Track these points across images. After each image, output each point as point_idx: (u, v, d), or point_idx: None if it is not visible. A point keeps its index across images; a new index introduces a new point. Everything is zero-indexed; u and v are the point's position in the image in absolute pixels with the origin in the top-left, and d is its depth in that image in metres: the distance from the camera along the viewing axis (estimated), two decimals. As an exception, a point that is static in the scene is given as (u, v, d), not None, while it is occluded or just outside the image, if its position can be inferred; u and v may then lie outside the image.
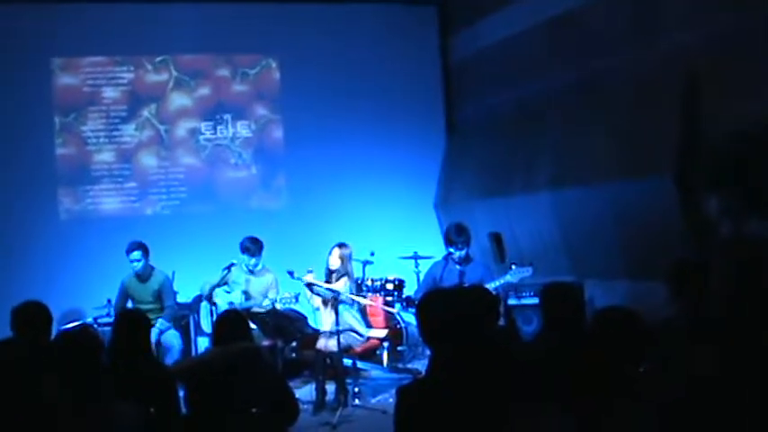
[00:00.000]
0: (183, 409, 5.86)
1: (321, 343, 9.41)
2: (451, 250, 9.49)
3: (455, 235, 9.50)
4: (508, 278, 9.32)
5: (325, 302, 9.57)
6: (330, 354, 9.30)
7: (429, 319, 4.24)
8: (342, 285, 9.53)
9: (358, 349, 9.67)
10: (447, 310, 4.21)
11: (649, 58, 8.95)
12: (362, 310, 9.98)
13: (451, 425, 4.00)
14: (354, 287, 9.86)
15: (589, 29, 9.96)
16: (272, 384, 5.82)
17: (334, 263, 9.69)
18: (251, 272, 10.38)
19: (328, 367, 9.43)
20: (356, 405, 9.21)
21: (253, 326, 9.85)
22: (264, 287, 10.33)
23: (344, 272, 9.68)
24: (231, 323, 6.08)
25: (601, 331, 4.67)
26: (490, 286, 9.13)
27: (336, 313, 9.15)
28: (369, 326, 10.10)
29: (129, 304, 10.40)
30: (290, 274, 9.45)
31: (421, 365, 10.10)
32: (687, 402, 4.60)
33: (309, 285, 9.46)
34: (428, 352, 4.38)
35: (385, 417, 8.32)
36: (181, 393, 6.00)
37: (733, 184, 7.79)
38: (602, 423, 4.33)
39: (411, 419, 4.14)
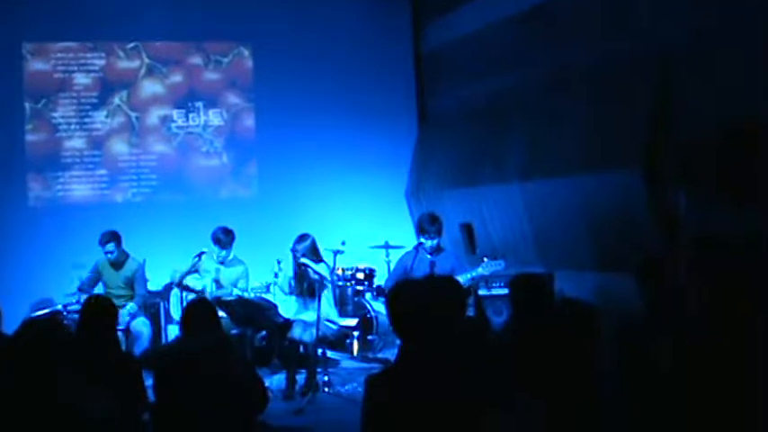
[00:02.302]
0: (151, 397, 5.88)
1: (296, 332, 9.39)
2: (423, 240, 9.50)
3: (427, 224, 9.52)
4: (480, 271, 9.34)
5: (299, 291, 9.57)
6: (304, 343, 9.30)
7: (399, 310, 4.26)
8: (322, 270, 9.52)
9: (331, 339, 9.68)
10: (417, 301, 4.23)
11: (619, 52, 8.99)
12: (336, 299, 9.99)
13: (419, 414, 4.03)
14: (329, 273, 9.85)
15: (560, 22, 9.99)
16: (242, 372, 5.82)
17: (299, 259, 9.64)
18: (221, 262, 10.38)
19: (300, 356, 9.44)
20: (326, 393, 9.22)
21: (222, 314, 9.88)
22: (235, 277, 10.33)
23: (316, 259, 9.63)
24: (199, 311, 6.08)
25: (562, 324, 4.72)
26: (462, 278, 9.16)
27: (320, 301, 9.16)
28: (340, 315, 10.13)
29: (100, 287, 10.37)
30: (278, 262, 9.45)
31: (391, 355, 10.11)
32: (643, 397, 4.66)
33: (305, 266, 9.41)
34: (398, 341, 4.40)
35: (354, 405, 8.31)
36: (149, 382, 6.02)
37: (701, 179, 7.84)
38: (570, 408, 4.38)
39: (379, 408, 4.16)
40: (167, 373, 5.68)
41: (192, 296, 9.90)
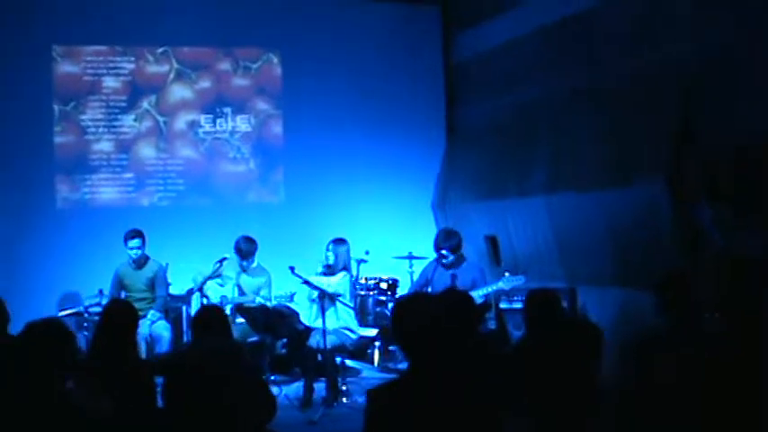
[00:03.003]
0: (160, 402, 5.88)
1: (313, 339, 9.38)
2: (442, 253, 9.48)
3: (443, 241, 9.52)
4: (501, 285, 9.29)
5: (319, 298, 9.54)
6: (321, 351, 9.27)
7: (401, 324, 4.21)
8: (338, 280, 9.49)
9: (350, 348, 9.64)
10: (419, 316, 4.18)
11: (645, 67, 8.92)
12: (356, 309, 9.97)
13: (419, 428, 3.99)
14: (351, 285, 9.81)
15: (587, 36, 9.94)
16: (250, 381, 5.81)
17: (331, 258, 9.66)
18: (243, 271, 10.39)
19: (319, 365, 9.41)
20: (344, 404, 9.19)
21: (241, 320, 9.89)
22: (257, 286, 10.33)
23: (342, 267, 9.65)
24: (209, 316, 6.07)
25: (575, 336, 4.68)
26: (481, 292, 9.12)
27: (323, 310, 9.14)
28: (361, 324, 10.10)
29: (123, 294, 10.41)
30: (291, 269, 9.42)
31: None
32: (646, 413, 4.61)
33: (306, 283, 9.41)
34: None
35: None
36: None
37: (726, 195, 7.76)
38: (566, 429, 4.33)
39: (380, 422, 4.13)
40: (175, 377, 5.68)
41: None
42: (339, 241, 9.76)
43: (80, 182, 12.01)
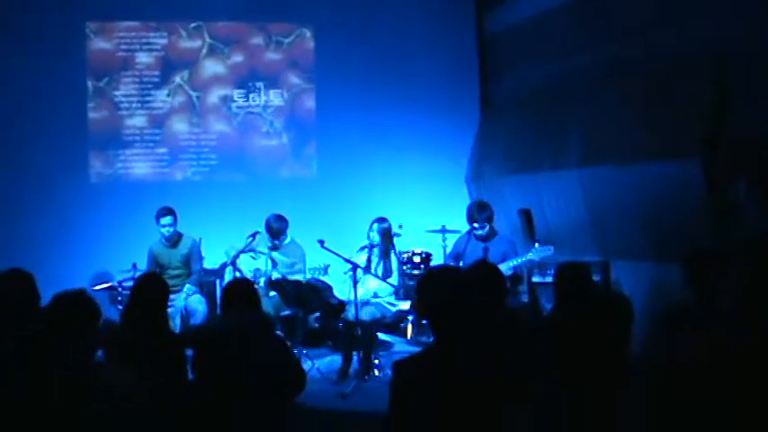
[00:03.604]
0: (190, 375, 5.91)
1: (353, 313, 9.36)
2: (474, 226, 9.46)
3: (477, 213, 9.49)
4: (530, 256, 9.28)
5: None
6: (361, 324, 9.24)
7: (426, 296, 4.22)
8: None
9: (390, 321, 9.67)
10: (445, 289, 4.18)
11: (680, 42, 8.82)
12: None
13: (444, 400, 3.99)
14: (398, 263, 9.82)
15: (623, 7, 9.83)
16: (279, 354, 5.81)
17: (375, 238, 9.66)
18: (274, 248, 10.40)
19: (355, 338, 9.39)
20: (376, 377, 9.20)
21: (274, 293, 9.91)
22: (291, 262, 10.34)
23: (385, 248, 9.66)
24: (239, 290, 6.08)
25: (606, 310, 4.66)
26: (510, 264, 9.10)
27: (355, 284, 9.15)
28: (397, 297, 10.10)
29: (158, 271, 10.46)
30: (321, 243, 9.43)
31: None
32: (675, 387, 4.58)
33: (337, 255, 9.41)
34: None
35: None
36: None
37: (760, 173, 7.68)
38: (599, 406, 4.31)
39: (406, 394, 4.14)
40: (204, 350, 5.70)
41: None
42: (382, 220, 9.77)
43: (113, 157, 12.07)
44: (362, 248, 9.74)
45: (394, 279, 9.63)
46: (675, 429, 4.65)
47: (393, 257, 9.73)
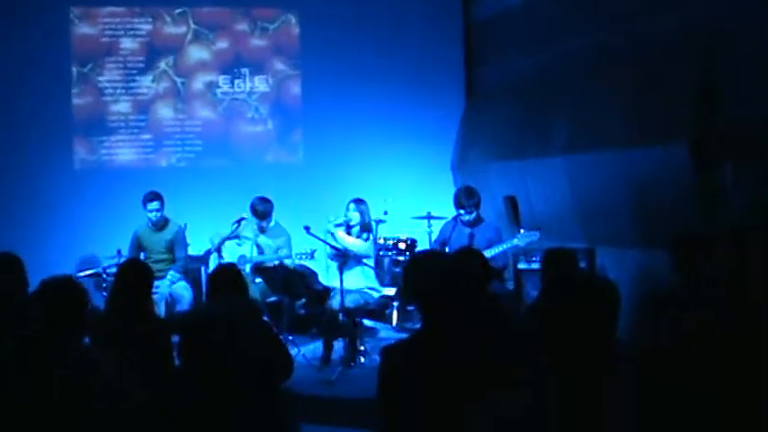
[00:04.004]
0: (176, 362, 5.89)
1: (335, 300, 9.34)
2: (461, 212, 9.44)
3: (465, 198, 9.45)
4: (515, 242, 9.27)
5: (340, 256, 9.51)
6: (346, 311, 9.24)
7: (413, 281, 4.21)
8: (364, 242, 9.47)
9: (372, 307, 9.64)
10: (432, 273, 4.18)
11: (667, 27, 8.81)
12: (376, 269, 9.95)
13: (432, 386, 3.99)
14: (373, 244, 9.79)
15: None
16: (266, 340, 5.81)
17: (355, 217, 9.62)
18: (261, 231, 10.38)
19: (339, 325, 9.40)
20: (361, 364, 9.20)
21: (259, 280, 9.89)
22: (276, 245, 10.32)
23: (363, 227, 9.62)
24: (225, 276, 6.06)
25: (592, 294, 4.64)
26: (496, 250, 9.10)
27: (341, 270, 9.13)
28: (381, 284, 10.09)
29: (142, 256, 10.43)
30: (307, 229, 9.42)
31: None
32: (680, 375, 4.58)
33: (323, 241, 9.40)
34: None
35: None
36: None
37: (748, 157, 7.68)
38: (586, 394, 4.30)
39: (394, 379, 4.13)
40: (190, 336, 5.69)
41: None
42: (360, 201, 9.73)
43: (98, 143, 12.03)
44: (338, 225, 9.63)
45: (370, 250, 9.55)
46: (663, 414, 4.65)
47: (371, 239, 9.64)
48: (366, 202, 9.79)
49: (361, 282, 9.48)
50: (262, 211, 10.33)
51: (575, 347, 4.67)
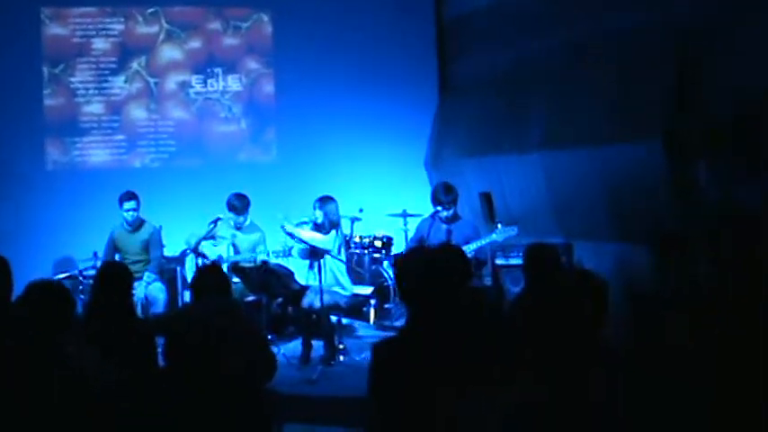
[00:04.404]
0: (161, 363, 5.87)
1: (307, 300, 9.36)
2: (439, 209, 9.44)
3: (443, 195, 9.45)
4: (494, 237, 9.29)
5: (309, 255, 9.47)
6: (316, 311, 9.25)
7: (406, 277, 4.22)
8: (328, 239, 9.44)
9: (344, 306, 9.62)
10: (424, 269, 4.19)
11: (643, 23, 8.85)
12: (349, 267, 9.94)
13: (424, 382, 3.99)
14: (343, 242, 9.75)
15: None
16: (252, 339, 5.80)
17: (319, 216, 9.57)
18: (238, 228, 10.34)
19: (314, 324, 9.41)
20: (341, 362, 9.20)
21: (237, 280, 9.86)
22: (252, 243, 10.29)
23: (331, 226, 9.57)
24: (209, 276, 6.05)
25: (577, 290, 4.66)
26: (475, 245, 9.11)
27: (319, 268, 9.12)
28: (354, 282, 10.08)
29: (117, 257, 10.38)
30: (283, 228, 9.41)
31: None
32: (658, 370, 4.61)
33: (290, 236, 9.39)
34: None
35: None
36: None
37: (724, 152, 7.73)
38: (573, 389, 4.31)
39: (385, 375, 4.14)
40: (177, 337, 5.67)
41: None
42: (326, 199, 9.66)
43: (70, 144, 11.95)
44: (300, 224, 9.59)
45: (329, 244, 9.50)
46: (649, 409, 4.68)
47: (338, 237, 9.59)
48: (334, 200, 9.70)
49: (330, 280, 9.45)
50: (240, 206, 10.29)
51: (559, 343, 4.69)
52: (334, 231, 9.50)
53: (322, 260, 9.25)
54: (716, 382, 4.96)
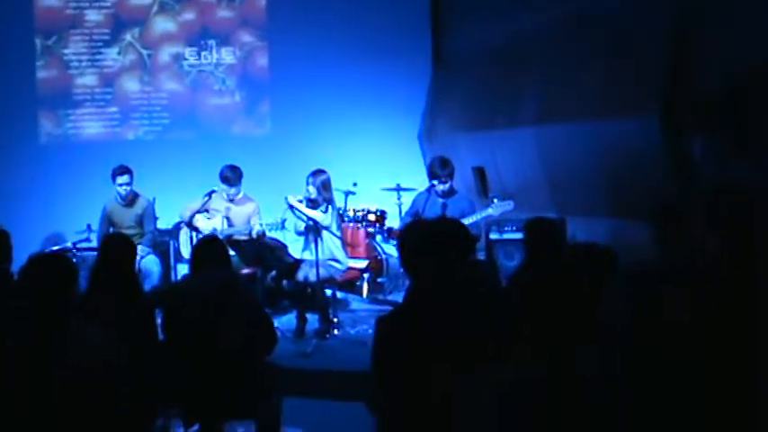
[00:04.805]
0: (161, 335, 5.88)
1: (301, 273, 9.35)
2: (435, 183, 9.41)
3: (439, 168, 9.41)
4: (490, 211, 9.27)
5: (307, 230, 9.44)
6: (311, 284, 9.25)
7: (409, 248, 4.22)
8: (327, 216, 9.41)
9: (338, 280, 9.61)
10: (427, 240, 4.20)
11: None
12: (343, 241, 9.92)
13: (427, 355, 4.00)
14: (337, 216, 9.71)
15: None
16: (251, 312, 5.81)
17: (312, 191, 9.50)
18: (231, 200, 10.30)
19: (309, 297, 9.41)
20: (336, 335, 9.21)
21: (232, 253, 9.83)
22: (246, 215, 10.25)
23: (325, 200, 9.51)
24: (210, 248, 6.04)
25: (577, 266, 4.66)
26: (471, 219, 9.10)
27: (316, 242, 9.10)
28: (348, 256, 10.07)
29: (111, 230, 10.35)
30: (286, 199, 9.35)
31: (401, 297, 10.06)
32: (656, 347, 4.61)
33: (291, 208, 9.35)
34: (408, 283, 4.40)
35: (363, 347, 8.34)
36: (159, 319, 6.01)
37: (719, 127, 7.73)
38: (569, 365, 4.33)
39: (388, 348, 4.15)
40: (176, 310, 5.67)
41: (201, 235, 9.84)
42: (318, 173, 9.56)
43: (63, 117, 11.94)
44: (299, 201, 9.53)
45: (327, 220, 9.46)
46: (647, 385, 4.70)
47: (333, 211, 9.54)
48: (326, 172, 9.60)
49: (325, 254, 9.42)
50: (232, 177, 10.19)
51: (557, 318, 4.70)
52: (330, 206, 9.45)
53: (319, 237, 9.23)
54: (711, 356, 4.96)
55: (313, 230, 9.27)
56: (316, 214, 9.31)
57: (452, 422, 3.94)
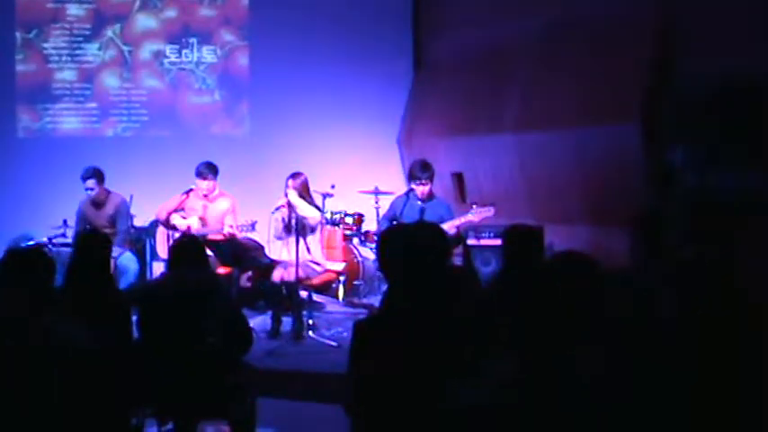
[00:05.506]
0: (136, 334, 5.84)
1: (278, 273, 9.31)
2: (414, 185, 9.40)
3: (419, 171, 9.39)
4: (470, 217, 9.25)
5: (288, 230, 9.40)
6: (287, 284, 9.21)
7: (388, 252, 4.22)
8: (319, 215, 9.40)
9: (315, 281, 9.58)
10: (407, 244, 4.19)
11: (620, 4, 8.88)
12: (323, 242, 9.90)
13: (404, 359, 4.00)
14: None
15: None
16: (227, 312, 5.78)
17: (292, 194, 9.42)
18: (205, 196, 10.20)
19: (284, 298, 9.37)
20: (310, 338, 9.18)
21: (209, 253, 9.78)
22: (220, 213, 10.17)
23: (307, 201, 9.47)
24: (187, 248, 6.01)
25: (557, 274, 4.65)
26: (451, 224, 9.09)
27: (297, 241, 9.07)
28: (325, 259, 10.04)
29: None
30: (286, 194, 9.27)
31: (376, 300, 10.07)
32: (641, 349, 4.61)
33: (290, 205, 9.27)
34: (384, 287, 4.39)
35: (338, 350, 8.35)
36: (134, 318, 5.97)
37: (701, 135, 7.77)
38: (554, 369, 4.32)
39: (366, 352, 4.14)
40: (151, 309, 5.64)
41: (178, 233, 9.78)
42: (297, 175, 9.51)
43: (42, 111, 11.87)
44: (278, 208, 9.49)
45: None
46: (632, 390, 4.70)
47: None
48: (304, 175, 9.54)
49: (303, 254, 9.39)
50: (206, 172, 10.07)
51: (534, 325, 4.69)
52: (312, 208, 9.42)
53: (303, 236, 9.21)
54: (698, 364, 4.97)
55: (300, 230, 9.22)
56: (315, 212, 9.30)
57: (429, 427, 3.94)
